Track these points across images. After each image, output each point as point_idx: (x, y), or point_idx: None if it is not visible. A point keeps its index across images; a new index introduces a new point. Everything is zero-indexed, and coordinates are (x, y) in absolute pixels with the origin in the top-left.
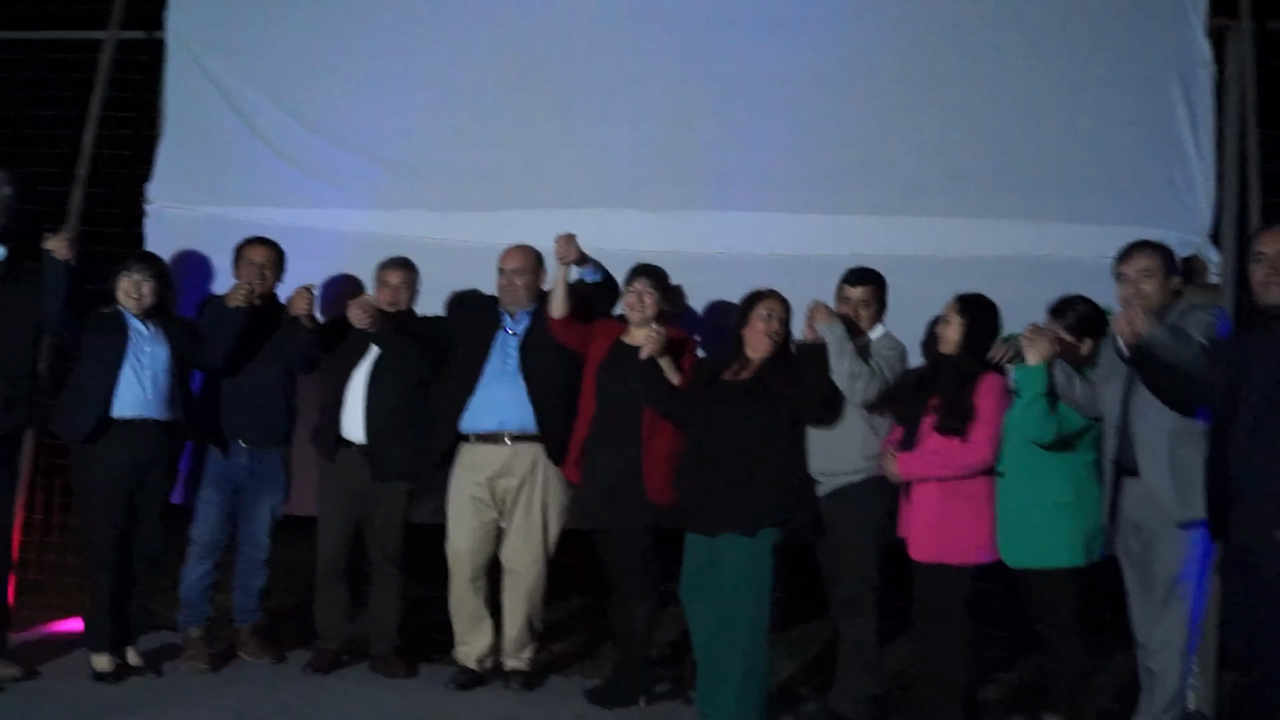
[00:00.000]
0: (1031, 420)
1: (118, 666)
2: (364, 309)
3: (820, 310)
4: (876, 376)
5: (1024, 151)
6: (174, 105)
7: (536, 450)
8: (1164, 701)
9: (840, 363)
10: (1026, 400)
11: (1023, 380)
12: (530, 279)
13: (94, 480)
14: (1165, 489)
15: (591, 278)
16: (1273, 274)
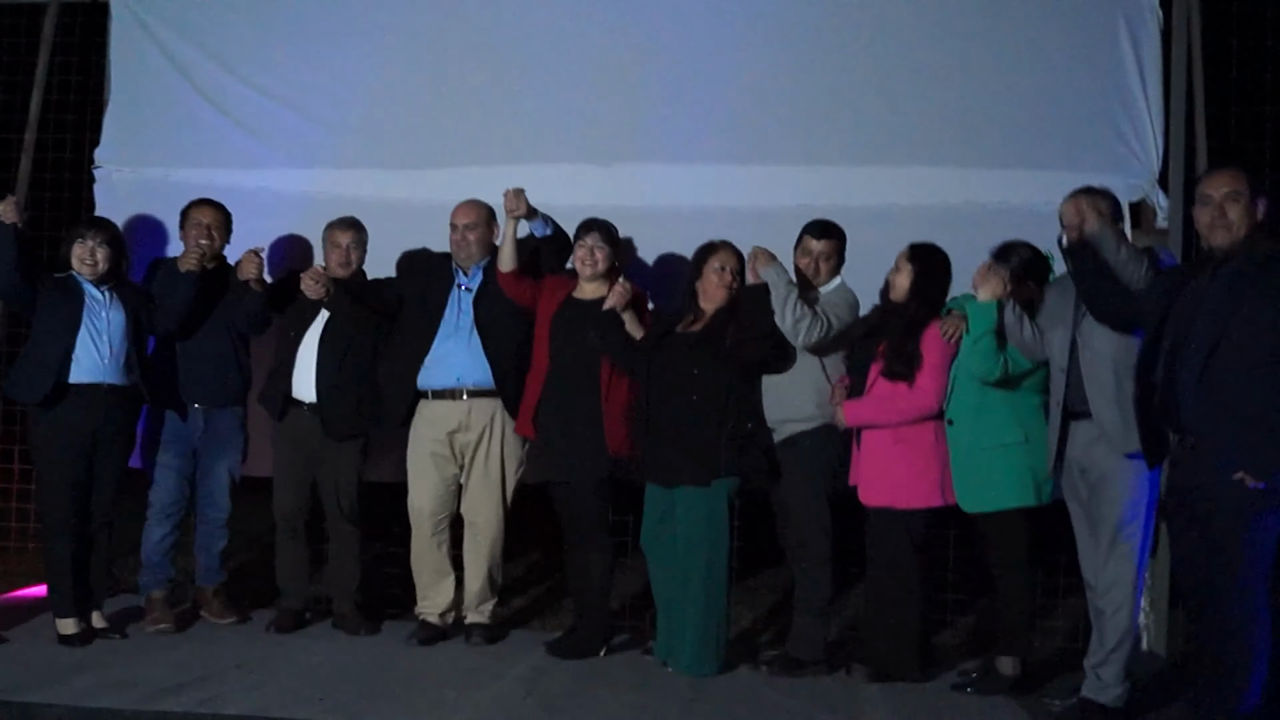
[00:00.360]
0: (979, 356)
1: (83, 629)
2: (316, 279)
3: (761, 255)
4: (819, 320)
5: (971, 99)
6: (119, 69)
7: (494, 405)
8: (1113, 640)
9: (783, 306)
10: (975, 336)
11: (973, 316)
12: (483, 233)
13: (51, 445)
14: (1113, 421)
15: (541, 232)
16: (1219, 216)
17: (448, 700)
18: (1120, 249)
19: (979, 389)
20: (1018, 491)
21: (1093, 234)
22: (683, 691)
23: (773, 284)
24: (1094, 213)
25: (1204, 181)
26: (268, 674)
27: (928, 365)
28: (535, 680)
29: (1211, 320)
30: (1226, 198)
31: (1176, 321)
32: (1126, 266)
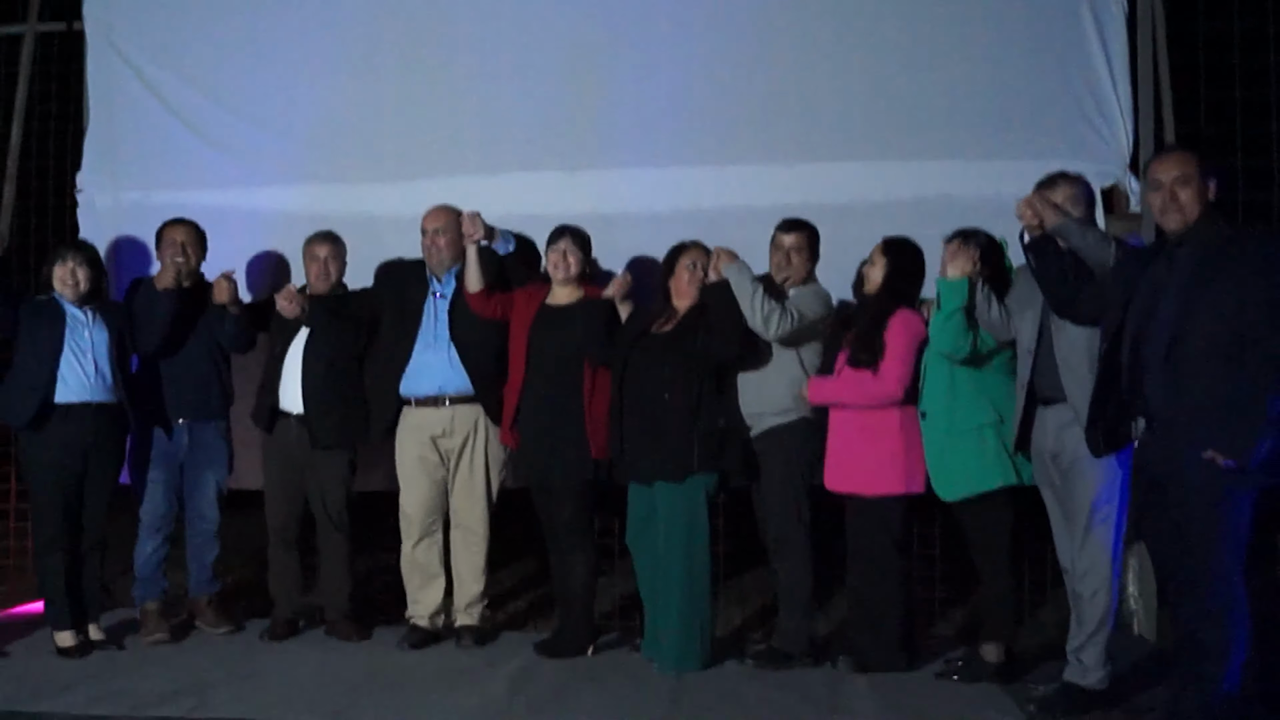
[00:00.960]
0: (949, 332)
1: (81, 642)
2: (289, 299)
3: (723, 254)
4: (787, 313)
5: (939, 92)
6: (97, 94)
7: (477, 410)
8: (1092, 624)
9: (749, 302)
10: (946, 313)
11: (944, 292)
12: (453, 237)
13: (41, 464)
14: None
15: (504, 249)
16: (1170, 200)
17: (434, 701)
18: (1085, 235)
19: (949, 377)
20: (999, 471)
21: (1054, 228)
22: (668, 688)
23: (735, 281)
24: (1049, 207)
25: (1152, 166)
26: (260, 681)
27: (891, 353)
28: (523, 681)
29: (1174, 305)
30: (1176, 181)
31: (1139, 306)
32: (1094, 251)
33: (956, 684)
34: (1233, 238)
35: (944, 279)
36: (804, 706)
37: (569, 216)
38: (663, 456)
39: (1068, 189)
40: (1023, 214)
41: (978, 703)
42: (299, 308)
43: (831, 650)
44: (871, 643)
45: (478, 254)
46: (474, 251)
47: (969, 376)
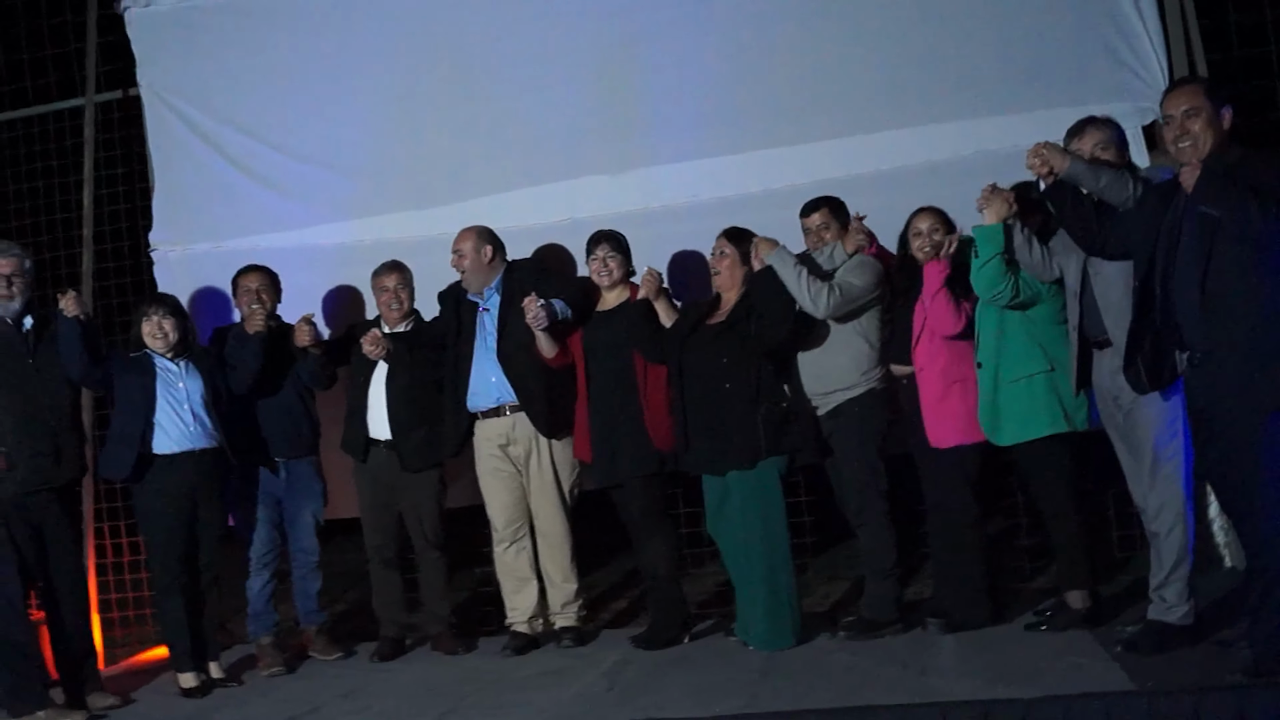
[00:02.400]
0: (988, 277)
1: (203, 681)
2: (374, 344)
3: (762, 243)
4: (833, 290)
5: (967, 49)
6: (159, 154)
7: None
8: (1170, 561)
9: (795, 284)
10: (984, 258)
11: (981, 239)
12: (472, 256)
13: (152, 514)
14: None
15: (564, 316)
16: (1181, 134)
17: (533, 699)
18: (1099, 178)
19: (998, 327)
20: (1049, 419)
21: (1065, 173)
22: (758, 666)
23: (778, 266)
24: (1056, 154)
25: (1164, 101)
26: (371, 698)
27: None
28: (618, 673)
29: (1199, 234)
30: (1186, 114)
31: (1165, 240)
32: (1111, 191)
33: (1045, 634)
34: (1246, 157)
35: (979, 226)
36: (893, 671)
37: (617, 217)
38: (730, 445)
39: (1096, 134)
40: (1031, 164)
41: (1065, 650)
42: (384, 349)
43: (920, 615)
44: (957, 600)
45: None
46: (541, 336)
47: (1020, 326)
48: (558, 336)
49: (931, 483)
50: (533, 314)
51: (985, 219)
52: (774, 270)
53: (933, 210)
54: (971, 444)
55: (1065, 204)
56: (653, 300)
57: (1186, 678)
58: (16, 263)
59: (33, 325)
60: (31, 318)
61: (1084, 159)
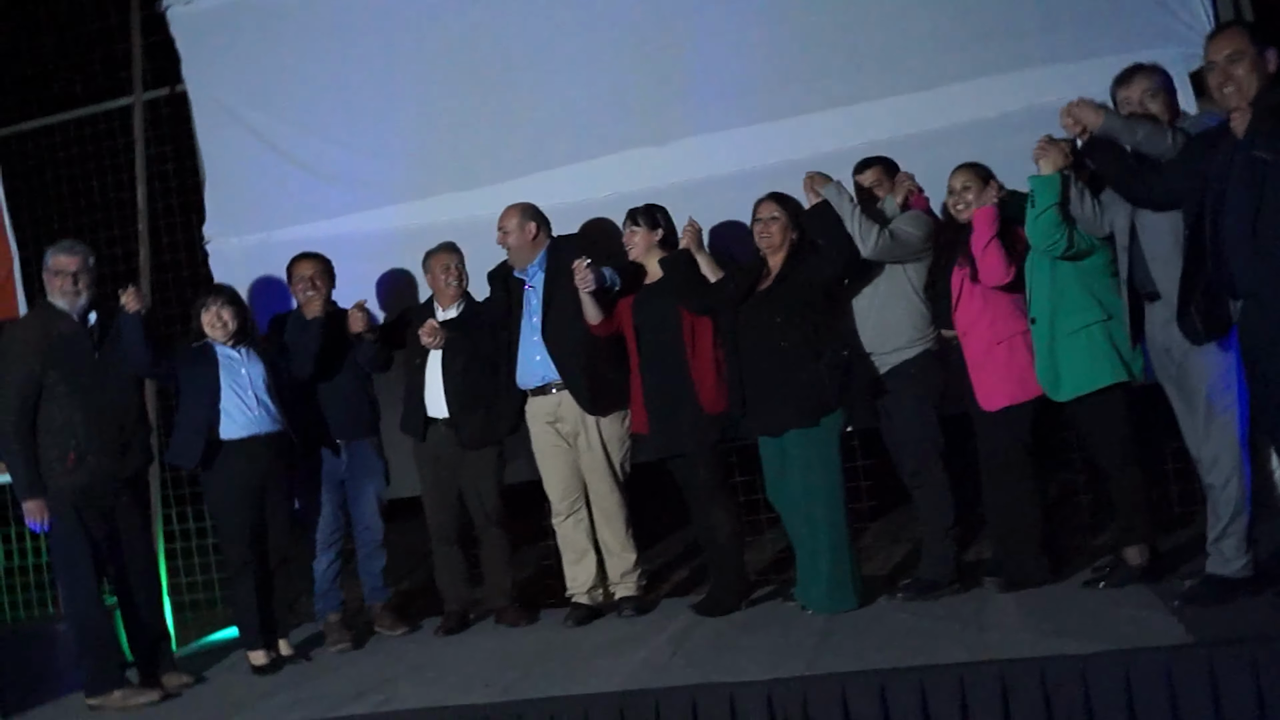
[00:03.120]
0: (1043, 227)
1: (273, 659)
2: (431, 335)
3: (816, 177)
4: (884, 232)
5: (1001, 2)
6: (208, 148)
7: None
8: (1227, 514)
9: (848, 217)
10: (1040, 208)
11: (1037, 189)
12: (516, 233)
13: (222, 498)
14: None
15: (612, 283)
16: (1225, 80)
17: (599, 666)
18: (1136, 132)
19: (1051, 280)
20: (1110, 368)
21: (1100, 130)
22: (819, 628)
23: (834, 199)
24: (1087, 110)
25: (1208, 48)
26: (439, 672)
27: (977, 244)
28: (682, 639)
29: (1248, 179)
30: (1229, 60)
31: (1213, 186)
32: (1150, 144)
33: (1103, 590)
34: None
35: (1035, 176)
36: (952, 629)
37: (663, 189)
38: (791, 403)
39: (1144, 81)
40: (1064, 123)
41: (1124, 605)
42: (441, 340)
43: (979, 574)
44: (1015, 558)
45: (589, 300)
46: (587, 299)
47: (1074, 277)
48: (605, 305)
49: (986, 443)
50: (581, 276)
51: (1041, 169)
52: (828, 205)
53: (967, 167)
54: (1022, 403)
55: (1105, 158)
56: (695, 252)
57: (1246, 629)
58: (81, 260)
59: (97, 321)
60: (95, 314)
61: (1118, 113)
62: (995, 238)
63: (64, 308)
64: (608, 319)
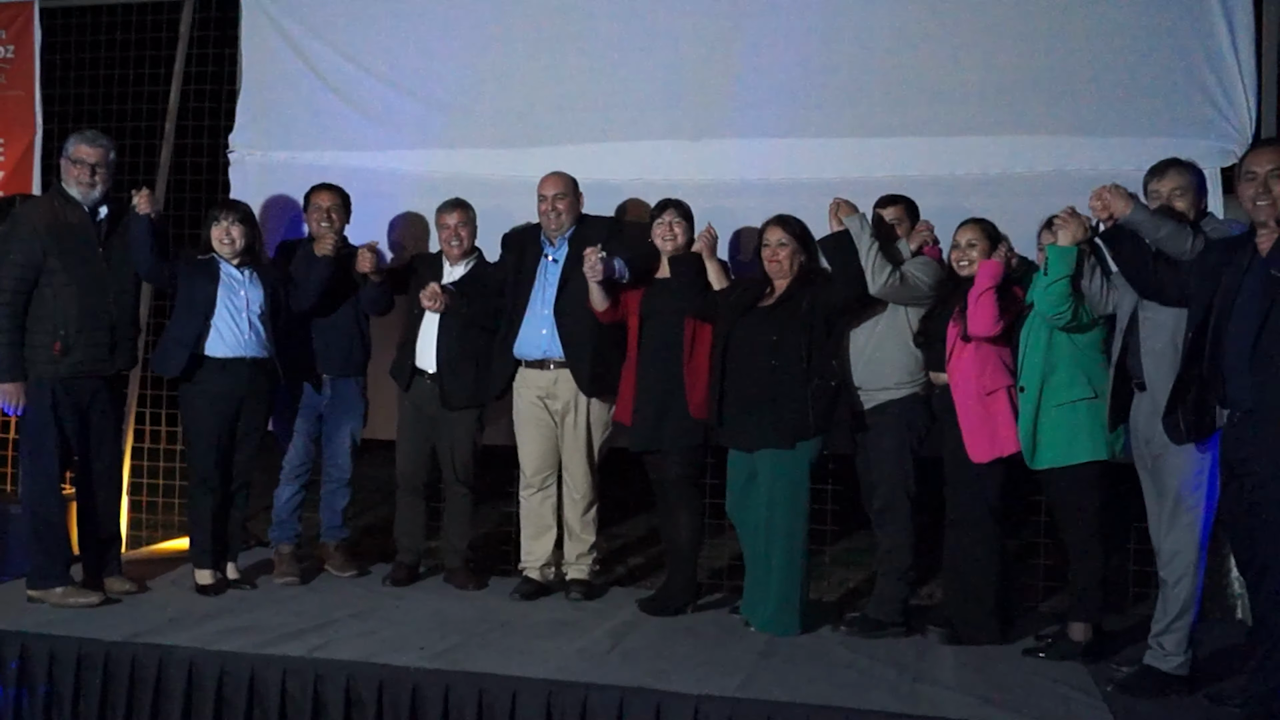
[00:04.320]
0: (1052, 297)
1: (218, 580)
2: (432, 299)
3: (843, 205)
4: (896, 272)
5: (1056, 64)
6: (250, 59)
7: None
8: (1175, 610)
9: (863, 250)
10: (1052, 278)
11: (1053, 259)
12: (570, 202)
13: (198, 412)
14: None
15: (621, 275)
16: (1262, 192)
17: (536, 647)
18: (1159, 227)
19: (1045, 351)
20: (1090, 445)
21: (1126, 220)
22: (758, 648)
23: (854, 231)
24: (1119, 199)
25: (1249, 157)
26: (378, 622)
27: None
28: (622, 635)
29: (1260, 292)
30: (1271, 174)
31: (1224, 295)
32: (1171, 243)
33: (1042, 660)
34: None
35: (1054, 245)
36: (887, 672)
37: (688, 184)
38: (771, 423)
39: (1177, 178)
40: (1092, 205)
41: (1059, 680)
42: (441, 304)
43: (925, 621)
44: (964, 614)
45: (597, 288)
46: (595, 288)
47: (1066, 351)
48: (611, 294)
49: (957, 494)
50: (590, 264)
51: (1059, 240)
52: (847, 234)
53: (975, 224)
54: (999, 459)
55: (1123, 247)
56: (706, 259)
57: None
58: (103, 153)
59: (107, 216)
60: (107, 208)
61: (1146, 207)
62: (992, 290)
63: (77, 197)
64: (612, 307)
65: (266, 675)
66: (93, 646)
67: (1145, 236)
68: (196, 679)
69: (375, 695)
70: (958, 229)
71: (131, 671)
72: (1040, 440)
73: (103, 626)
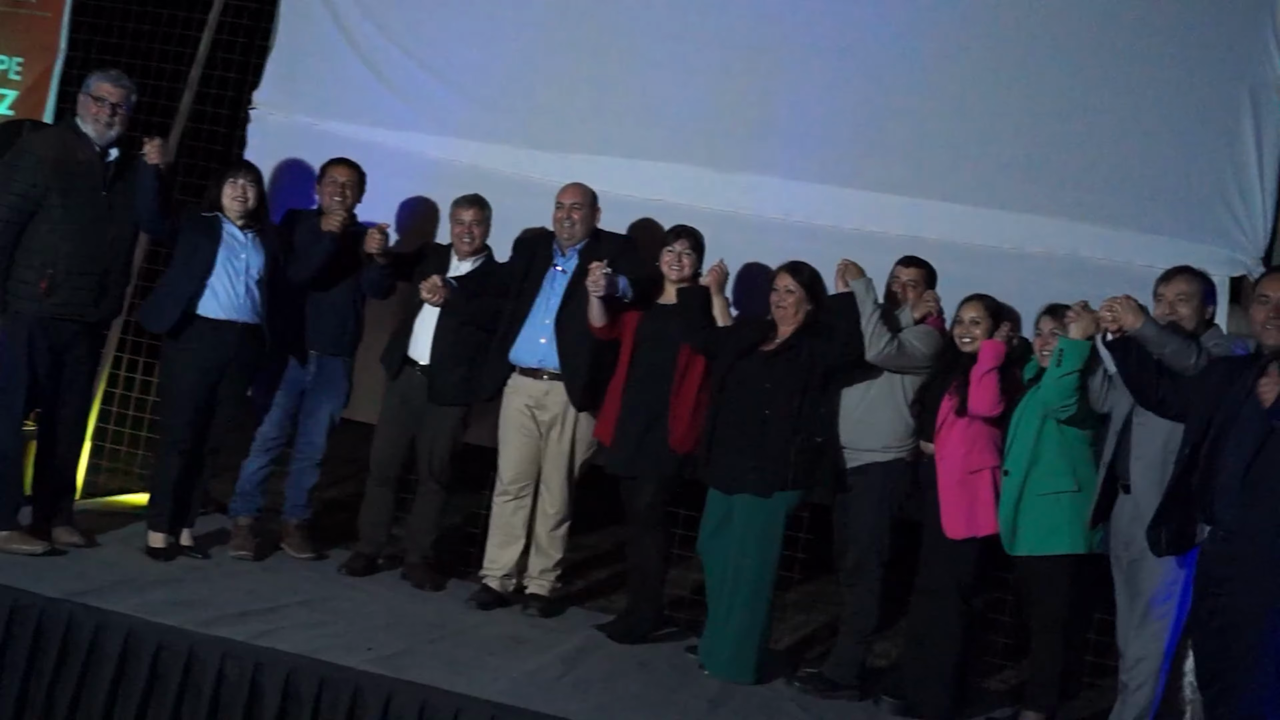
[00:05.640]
0: (1062, 390)
1: (170, 545)
2: (432, 292)
3: (851, 267)
4: (894, 341)
5: (1087, 151)
6: (287, 19)
7: None
8: (1133, 715)
9: (865, 315)
10: (1065, 370)
11: (1068, 351)
12: (586, 214)
13: (180, 371)
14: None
15: (624, 294)
16: (1273, 317)
17: (488, 663)
18: (1165, 343)
19: (1035, 439)
20: (1069, 539)
21: (1134, 332)
22: (710, 694)
23: (859, 295)
24: (1129, 311)
25: (1265, 281)
26: (328, 614)
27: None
28: (575, 661)
29: (1258, 417)
30: None
31: (1222, 418)
32: (1175, 359)
33: None
34: None
35: (1067, 339)
36: None
37: (706, 213)
38: (753, 470)
39: (1183, 284)
40: (1102, 315)
41: None
42: (441, 298)
43: (879, 686)
44: (919, 685)
45: (598, 303)
46: (597, 303)
47: (1055, 442)
48: (611, 311)
49: (930, 564)
50: (594, 278)
51: (1070, 333)
52: (851, 297)
53: (979, 300)
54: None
55: (1129, 358)
56: (713, 294)
57: None
58: (124, 94)
59: (117, 158)
60: (117, 151)
61: (1155, 322)
62: (995, 371)
63: (91, 134)
64: (610, 325)
65: (205, 655)
66: (28, 599)
67: (1151, 350)
68: (132, 649)
69: (314, 692)
70: (962, 304)
71: (66, 633)
72: (1020, 526)
73: (42, 579)
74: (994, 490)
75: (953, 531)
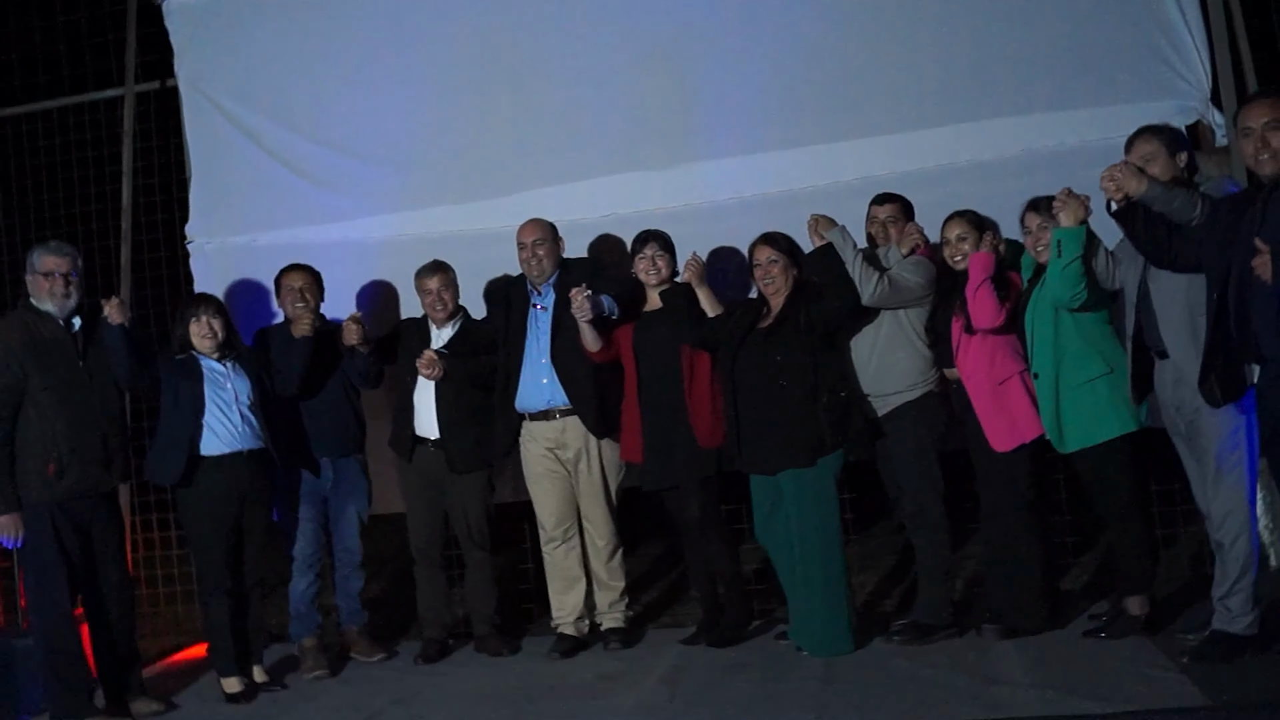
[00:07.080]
0: (1071, 278)
1: (247, 685)
2: (428, 366)
3: (821, 220)
4: (884, 279)
5: (1010, 47)
6: (196, 145)
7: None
8: (1235, 571)
9: (849, 263)
10: (1066, 260)
11: (1065, 241)
12: (550, 248)
13: (199, 515)
14: (1192, 362)
15: (610, 312)
16: (1262, 147)
17: (592, 706)
18: (1172, 199)
19: (1054, 335)
20: (1117, 420)
21: (1140, 196)
22: (818, 673)
23: (837, 243)
24: (1131, 176)
25: (1243, 113)
26: (422, 707)
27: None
28: (676, 679)
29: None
30: (1267, 127)
31: (1240, 253)
32: (1181, 212)
33: (1104, 641)
34: None
35: (1060, 228)
36: (956, 681)
37: (661, 214)
38: (788, 444)
39: (1145, 146)
40: (1105, 187)
41: (1131, 659)
42: (440, 371)
43: (972, 616)
44: (1014, 604)
45: (588, 328)
46: (586, 328)
47: (1075, 332)
48: (603, 332)
49: (988, 486)
50: (578, 304)
51: (1061, 221)
52: (831, 248)
53: (962, 217)
54: (1024, 445)
55: (1137, 223)
56: (695, 287)
57: (1257, 690)
58: (71, 261)
59: (81, 326)
60: (80, 319)
61: (1158, 181)
62: (987, 281)
63: (51, 310)
64: (606, 346)
65: None
66: None
67: (1160, 209)
68: None
69: None
70: (945, 223)
71: None
72: (1065, 423)
73: None
74: (1027, 394)
75: (1000, 444)
